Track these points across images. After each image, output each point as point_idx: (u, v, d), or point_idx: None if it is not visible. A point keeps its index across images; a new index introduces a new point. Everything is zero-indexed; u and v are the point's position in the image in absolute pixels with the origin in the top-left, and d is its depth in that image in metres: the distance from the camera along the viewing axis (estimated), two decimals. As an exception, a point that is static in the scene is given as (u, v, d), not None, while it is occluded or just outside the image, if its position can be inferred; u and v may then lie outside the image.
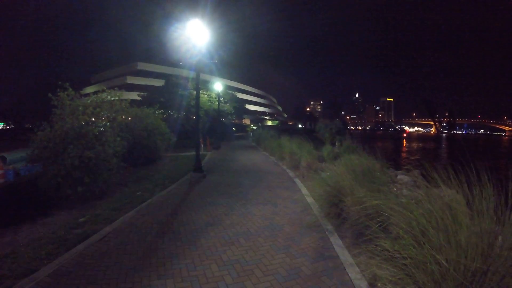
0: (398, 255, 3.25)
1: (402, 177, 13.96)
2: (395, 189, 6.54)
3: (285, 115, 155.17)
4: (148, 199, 7.94)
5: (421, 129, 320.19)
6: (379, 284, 3.54)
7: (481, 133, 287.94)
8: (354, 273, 4.09)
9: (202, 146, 21.21)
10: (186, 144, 21.68)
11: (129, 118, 13.30)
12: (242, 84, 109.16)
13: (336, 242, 5.17)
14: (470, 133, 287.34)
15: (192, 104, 26.54)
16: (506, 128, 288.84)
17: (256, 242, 5.16)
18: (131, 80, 74.50)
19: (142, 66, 78.69)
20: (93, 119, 9.29)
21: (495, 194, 3.20)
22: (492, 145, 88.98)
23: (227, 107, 39.34)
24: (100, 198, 7.86)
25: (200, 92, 27.83)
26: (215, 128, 26.96)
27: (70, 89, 9.15)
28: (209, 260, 4.43)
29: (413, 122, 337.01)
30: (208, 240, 5.21)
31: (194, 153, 11.40)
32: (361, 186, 5.33)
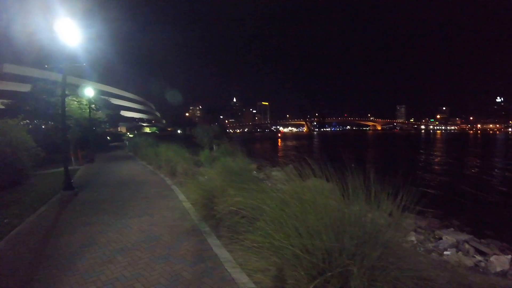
0: (260, 245, 3.54)
1: (276, 173, 14.99)
2: (270, 184, 7.03)
3: (164, 122, 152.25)
4: (17, 226, 7.01)
5: (294, 129, 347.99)
6: (258, 275, 3.74)
7: (348, 129, 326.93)
8: (232, 268, 4.32)
9: (73, 160, 19.63)
10: (56, 158, 19.67)
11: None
12: (118, 89, 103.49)
13: (214, 242, 5.38)
14: (338, 129, 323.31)
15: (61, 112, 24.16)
16: (370, 123, 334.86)
17: (135, 256, 5.05)
18: (-5, 85, 62.35)
19: (9, 68, 66.09)
20: None
21: (343, 182, 3.70)
22: (353, 139, 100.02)
23: (100, 114, 36.08)
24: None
25: (70, 98, 25.83)
26: (87, 139, 25.11)
27: None
28: (88, 284, 4.17)
29: (287, 123, 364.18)
30: (85, 262, 4.89)
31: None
32: (231, 186, 5.58)
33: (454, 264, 6.07)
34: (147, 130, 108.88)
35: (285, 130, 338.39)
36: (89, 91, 23.62)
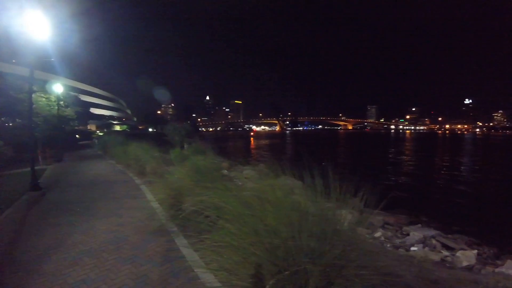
0: (219, 244, 3.59)
1: (248, 172, 15.09)
2: (240, 183, 7.09)
3: (135, 119, 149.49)
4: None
5: (267, 128, 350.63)
6: (223, 274, 3.75)
7: (320, 128, 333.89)
8: (199, 268, 4.30)
9: (41, 159, 19.09)
10: (24, 158, 19.05)
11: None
12: (87, 85, 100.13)
13: (181, 242, 5.39)
14: (310, 129, 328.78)
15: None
16: (342, 123, 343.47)
17: (101, 258, 5.01)
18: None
19: (-27, 62, 62.73)
20: None
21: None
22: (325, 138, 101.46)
23: (68, 111, 34.40)
24: None
25: (38, 94, 24.87)
26: (55, 137, 24.45)
27: None
28: (54, 286, 4.13)
29: (260, 122, 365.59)
30: (51, 264, 4.81)
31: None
32: (198, 186, 5.63)
33: (421, 259, 6.17)
34: (118, 128, 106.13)
35: (258, 129, 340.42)
36: (57, 87, 22.84)
